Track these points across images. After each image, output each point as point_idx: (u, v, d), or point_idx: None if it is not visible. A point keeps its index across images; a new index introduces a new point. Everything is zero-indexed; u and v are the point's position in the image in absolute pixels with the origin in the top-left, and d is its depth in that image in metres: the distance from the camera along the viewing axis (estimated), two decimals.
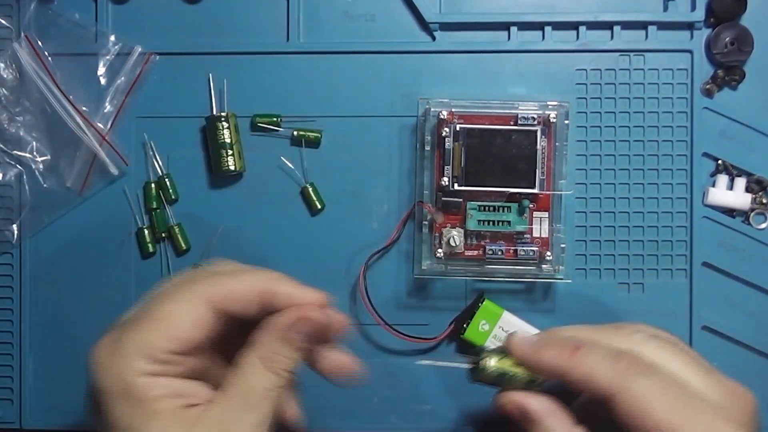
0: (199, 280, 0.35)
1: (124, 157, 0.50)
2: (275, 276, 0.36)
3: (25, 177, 0.50)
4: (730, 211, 0.49)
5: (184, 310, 0.34)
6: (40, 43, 0.50)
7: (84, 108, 0.50)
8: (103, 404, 0.33)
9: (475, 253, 0.47)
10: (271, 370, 0.34)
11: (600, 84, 0.49)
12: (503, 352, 0.37)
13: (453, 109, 0.46)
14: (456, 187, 0.46)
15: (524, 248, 0.46)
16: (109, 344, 0.34)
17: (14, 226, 0.50)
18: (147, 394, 0.33)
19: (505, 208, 0.46)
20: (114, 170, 0.50)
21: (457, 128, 0.46)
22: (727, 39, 0.48)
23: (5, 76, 0.50)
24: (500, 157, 0.46)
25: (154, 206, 0.50)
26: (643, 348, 0.35)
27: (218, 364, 0.37)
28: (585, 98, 0.49)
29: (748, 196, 0.48)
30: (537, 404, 0.37)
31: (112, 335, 0.35)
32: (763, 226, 0.48)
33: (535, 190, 0.46)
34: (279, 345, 0.35)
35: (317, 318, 0.35)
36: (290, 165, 0.49)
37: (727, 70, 0.48)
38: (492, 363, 0.37)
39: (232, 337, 0.36)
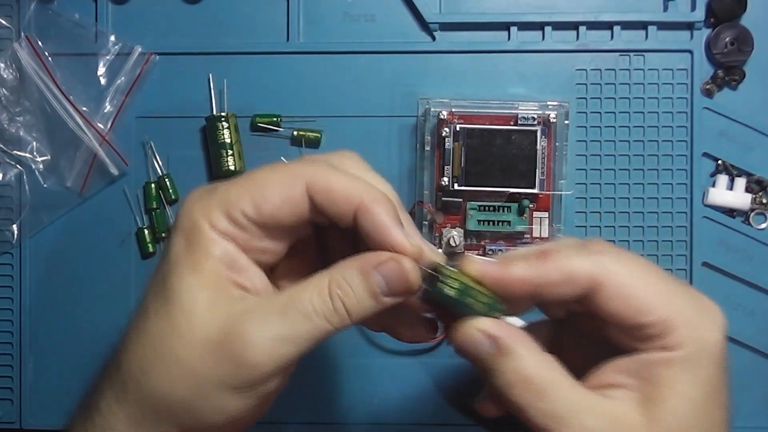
0: (308, 165, 0.32)
1: (124, 157, 0.50)
2: (380, 200, 0.31)
3: (25, 177, 0.50)
4: (730, 211, 0.49)
5: (280, 184, 0.32)
6: (40, 43, 0.50)
7: (84, 108, 0.50)
8: (169, 241, 0.32)
9: (475, 253, 0.47)
10: (333, 296, 0.30)
11: (600, 84, 0.49)
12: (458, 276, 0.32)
13: (453, 109, 0.46)
14: (456, 187, 0.46)
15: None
16: (203, 191, 0.32)
17: (14, 226, 0.50)
18: (206, 247, 0.31)
19: (505, 208, 0.46)
20: (114, 170, 0.50)
21: (457, 128, 0.46)
22: (727, 39, 0.48)
23: (5, 76, 0.50)
24: (500, 157, 0.46)
25: (154, 206, 0.50)
26: (602, 249, 0.32)
27: (287, 273, 0.34)
28: (585, 98, 0.49)
29: (748, 196, 0.48)
30: (507, 331, 0.32)
31: (210, 185, 0.33)
32: (763, 226, 0.48)
33: (535, 190, 0.46)
34: (357, 278, 0.31)
35: (410, 275, 0.31)
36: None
37: (727, 70, 0.48)
38: (453, 283, 0.31)
39: (309, 259, 0.34)
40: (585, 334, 0.34)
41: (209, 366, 0.30)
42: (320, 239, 0.35)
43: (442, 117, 0.46)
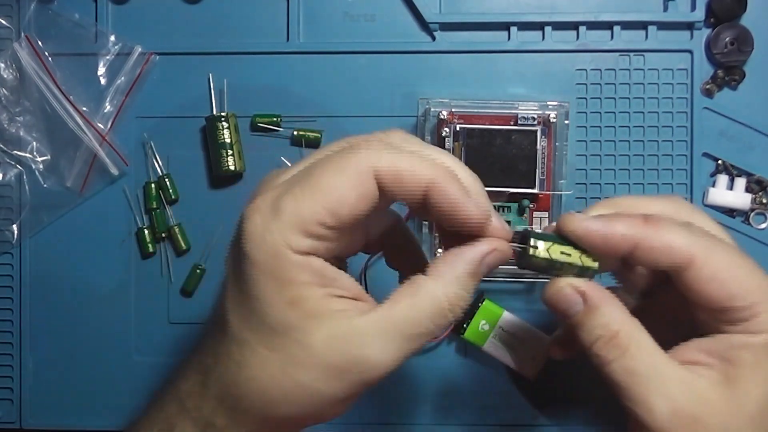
0: (370, 152, 0.31)
1: (124, 157, 0.50)
2: (450, 178, 0.31)
3: (25, 177, 0.50)
4: (730, 211, 0.49)
5: (350, 183, 0.30)
6: (40, 43, 0.50)
7: (84, 108, 0.50)
8: (246, 274, 0.31)
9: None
10: (450, 310, 0.31)
11: (600, 84, 0.49)
12: (555, 237, 0.33)
13: (453, 109, 0.46)
14: None
15: None
16: (267, 209, 0.31)
17: (14, 226, 0.50)
18: (296, 276, 0.30)
19: (505, 208, 0.46)
20: (114, 170, 0.50)
21: (457, 128, 0.46)
22: (727, 39, 0.48)
23: (5, 76, 0.50)
24: (500, 157, 0.46)
25: (154, 206, 0.50)
26: (686, 213, 0.34)
27: (350, 241, 0.34)
28: (585, 98, 0.49)
29: (748, 196, 0.48)
30: (596, 290, 0.33)
31: (269, 199, 0.31)
32: (763, 226, 0.48)
33: (535, 190, 0.46)
34: (470, 283, 0.32)
35: (508, 256, 0.32)
36: (290, 165, 0.49)
37: (727, 70, 0.48)
38: (541, 250, 0.33)
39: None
40: (662, 310, 0.35)
41: (334, 387, 0.31)
42: None
43: (442, 117, 0.46)
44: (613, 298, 0.33)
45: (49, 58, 0.50)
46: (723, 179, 0.48)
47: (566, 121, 0.46)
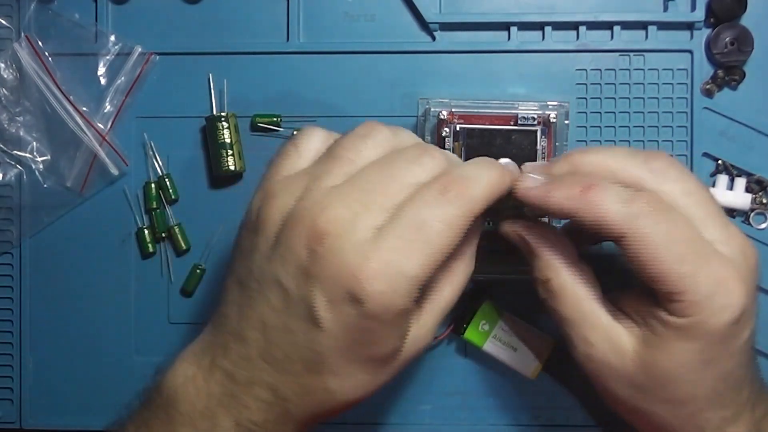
0: (463, 198, 0.33)
1: (124, 157, 0.50)
2: (502, 170, 0.36)
3: (25, 177, 0.50)
4: (730, 211, 0.49)
5: (458, 235, 0.33)
6: (40, 43, 0.50)
7: (84, 108, 0.50)
8: (373, 330, 0.33)
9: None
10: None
11: (600, 84, 0.49)
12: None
13: (453, 109, 0.46)
14: None
15: None
16: (384, 275, 0.32)
17: (14, 226, 0.50)
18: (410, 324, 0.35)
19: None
20: (114, 170, 0.50)
21: (457, 128, 0.46)
22: (727, 39, 0.48)
23: (5, 76, 0.50)
24: (500, 157, 0.46)
25: (154, 206, 0.50)
26: (660, 179, 0.35)
27: None
28: (585, 98, 0.49)
29: (748, 196, 0.48)
30: (536, 235, 0.37)
31: (381, 260, 0.32)
32: (763, 226, 0.48)
33: None
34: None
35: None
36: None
37: (727, 70, 0.48)
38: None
39: None
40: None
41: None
42: None
43: (442, 117, 0.46)
44: (556, 242, 0.37)
45: (49, 58, 0.50)
46: (723, 179, 0.48)
47: (566, 121, 0.46)
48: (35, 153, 0.50)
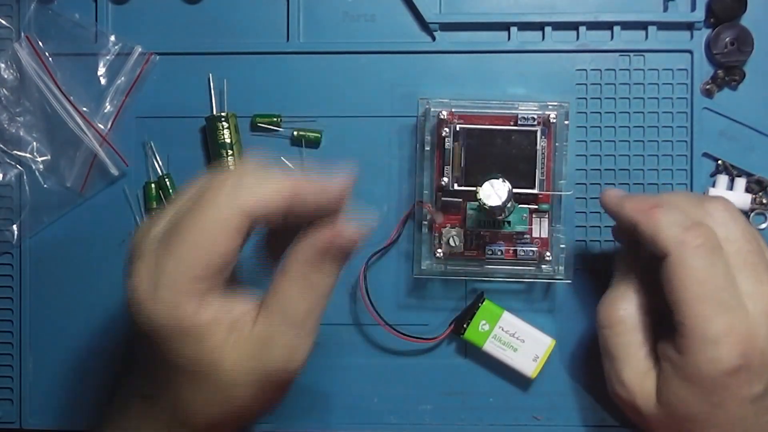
0: (227, 186, 0.33)
1: (124, 157, 0.50)
2: (300, 180, 0.35)
3: (25, 177, 0.50)
4: None
5: (220, 223, 0.32)
6: (40, 43, 0.50)
7: (84, 108, 0.50)
8: (158, 343, 0.32)
9: (475, 253, 0.47)
10: (312, 290, 0.35)
11: (600, 84, 0.49)
12: None
13: (453, 109, 0.46)
14: (456, 187, 0.46)
15: (524, 248, 0.46)
16: (148, 276, 0.32)
17: (14, 226, 0.50)
18: (199, 322, 0.32)
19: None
20: (114, 170, 0.50)
21: (457, 128, 0.46)
22: (727, 39, 0.48)
23: (5, 76, 0.50)
24: (500, 158, 0.46)
25: (154, 206, 0.50)
26: (708, 220, 0.38)
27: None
28: (585, 98, 0.49)
29: (748, 196, 0.48)
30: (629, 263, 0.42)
31: (146, 264, 0.33)
32: (763, 226, 0.48)
33: (535, 191, 0.46)
34: (319, 262, 0.34)
35: (352, 239, 0.35)
36: (290, 165, 0.49)
37: (727, 70, 0.48)
38: None
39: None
40: None
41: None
42: None
43: (442, 117, 0.46)
44: (636, 273, 0.41)
45: (50, 58, 0.50)
46: (723, 179, 0.48)
47: (566, 122, 0.46)
48: (35, 153, 0.50)
